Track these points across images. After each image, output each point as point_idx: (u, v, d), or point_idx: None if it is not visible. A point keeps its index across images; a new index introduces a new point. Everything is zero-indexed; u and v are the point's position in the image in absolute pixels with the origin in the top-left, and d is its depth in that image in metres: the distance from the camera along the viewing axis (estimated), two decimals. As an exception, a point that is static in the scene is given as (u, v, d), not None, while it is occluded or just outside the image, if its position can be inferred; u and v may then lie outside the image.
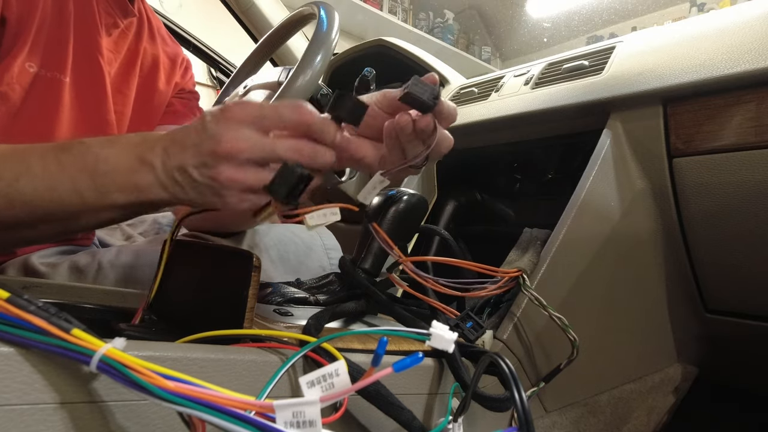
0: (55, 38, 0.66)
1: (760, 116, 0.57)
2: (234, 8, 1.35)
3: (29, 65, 0.63)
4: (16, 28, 0.62)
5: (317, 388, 0.23)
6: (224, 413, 0.21)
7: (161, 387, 0.21)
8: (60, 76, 0.67)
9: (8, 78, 0.62)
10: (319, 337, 0.35)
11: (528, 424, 0.30)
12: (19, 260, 0.70)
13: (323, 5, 0.75)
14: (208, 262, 0.42)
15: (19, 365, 0.23)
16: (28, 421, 0.23)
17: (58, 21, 0.66)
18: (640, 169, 0.67)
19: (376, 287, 0.51)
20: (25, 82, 0.64)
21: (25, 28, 0.62)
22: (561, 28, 3.17)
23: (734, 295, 0.67)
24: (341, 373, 0.24)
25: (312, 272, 0.76)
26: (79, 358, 0.22)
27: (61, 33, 0.67)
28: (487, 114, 0.85)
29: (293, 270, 0.75)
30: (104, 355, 0.22)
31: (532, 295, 0.52)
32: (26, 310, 0.22)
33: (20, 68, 0.63)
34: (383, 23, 2.97)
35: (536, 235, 0.62)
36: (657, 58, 0.66)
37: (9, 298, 0.22)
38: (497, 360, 0.35)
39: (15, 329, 0.22)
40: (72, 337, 0.22)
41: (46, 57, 0.65)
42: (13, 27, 0.61)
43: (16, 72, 0.62)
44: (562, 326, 0.51)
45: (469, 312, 0.51)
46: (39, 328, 0.22)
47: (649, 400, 0.72)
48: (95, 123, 0.73)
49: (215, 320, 0.35)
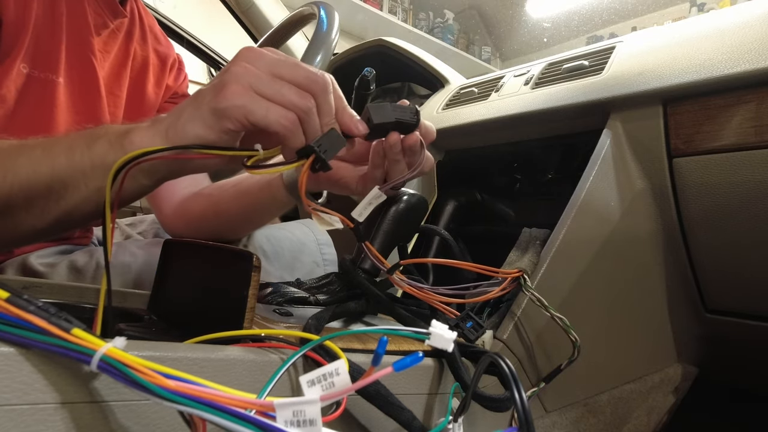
0: (47, 39, 0.66)
1: (760, 116, 0.57)
2: (234, 8, 1.35)
3: (23, 66, 0.63)
4: (13, 30, 0.61)
5: (317, 387, 0.23)
6: (225, 412, 0.21)
7: (162, 386, 0.21)
8: (53, 77, 0.67)
9: (7, 81, 0.62)
10: (319, 336, 0.35)
11: (528, 424, 0.30)
12: (17, 260, 0.70)
13: (323, 5, 0.75)
14: (208, 262, 0.42)
15: (19, 365, 0.23)
16: (29, 421, 0.23)
17: (50, 21, 0.66)
18: (640, 169, 0.67)
19: (376, 287, 0.51)
20: (18, 83, 0.63)
21: (22, 30, 0.62)
22: (561, 28, 3.17)
23: (734, 295, 0.67)
24: (341, 372, 0.24)
25: (306, 267, 0.77)
26: (79, 358, 0.22)
27: (54, 33, 0.66)
28: (487, 114, 0.85)
29: (287, 265, 0.76)
30: (105, 355, 0.22)
31: (533, 295, 0.52)
32: (26, 310, 0.22)
33: (16, 70, 0.62)
34: (383, 23, 2.97)
35: (536, 235, 0.62)
36: (657, 58, 0.66)
37: (9, 298, 0.22)
38: (497, 360, 0.35)
39: (15, 329, 0.22)
40: (72, 336, 0.22)
41: (38, 58, 0.65)
42: (10, 28, 0.61)
43: (13, 74, 0.62)
44: (563, 327, 0.51)
45: (469, 312, 0.51)
46: (39, 327, 0.22)
47: (649, 400, 0.72)
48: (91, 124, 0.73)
49: (215, 320, 0.35)
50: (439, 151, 0.97)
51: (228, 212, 0.72)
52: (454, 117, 0.92)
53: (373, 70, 0.80)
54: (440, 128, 0.93)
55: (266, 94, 0.40)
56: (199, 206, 0.74)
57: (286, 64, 0.42)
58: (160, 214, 0.80)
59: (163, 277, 0.47)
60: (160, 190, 0.77)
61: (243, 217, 0.71)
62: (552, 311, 0.51)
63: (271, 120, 0.40)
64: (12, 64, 0.62)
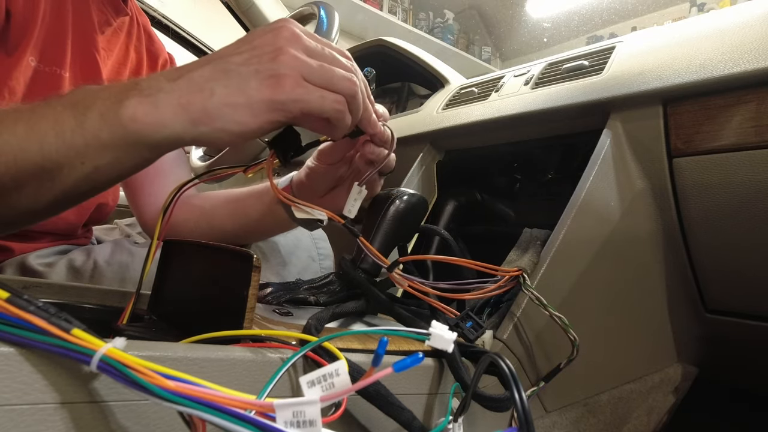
0: (54, 33, 0.66)
1: (760, 116, 0.57)
2: (234, 8, 1.35)
3: (31, 59, 0.63)
4: (22, 23, 0.62)
5: (317, 387, 0.23)
6: (224, 413, 0.21)
7: (162, 387, 0.21)
8: (60, 71, 0.67)
9: (16, 73, 0.62)
10: (319, 336, 0.35)
11: (528, 424, 0.30)
12: (16, 260, 0.70)
13: (323, 5, 0.75)
14: (207, 261, 0.42)
15: (19, 365, 0.23)
16: (29, 421, 0.23)
17: (57, 15, 0.66)
18: (640, 169, 0.67)
19: (376, 287, 0.51)
20: (27, 75, 0.64)
21: (30, 23, 0.63)
22: (561, 28, 3.17)
23: (735, 295, 0.67)
24: (341, 373, 0.24)
25: (301, 262, 0.77)
26: (79, 358, 0.22)
27: (60, 28, 0.67)
28: (487, 114, 0.85)
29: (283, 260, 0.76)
30: (104, 355, 0.22)
31: (532, 294, 0.52)
32: (26, 310, 0.22)
33: (25, 62, 0.63)
34: (383, 23, 2.97)
35: (536, 235, 0.62)
36: (657, 58, 0.66)
37: (9, 298, 0.22)
38: (497, 360, 0.35)
39: (15, 329, 0.22)
40: (72, 336, 0.22)
41: (46, 51, 0.65)
42: (19, 21, 0.61)
43: (22, 66, 0.62)
44: (562, 326, 0.51)
45: (469, 312, 0.51)
46: (39, 328, 0.22)
47: (649, 400, 0.72)
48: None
49: (215, 320, 0.35)
50: (439, 151, 0.97)
51: (223, 227, 0.71)
52: (454, 117, 0.92)
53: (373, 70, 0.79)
54: (440, 128, 0.93)
55: (319, 83, 0.40)
56: (192, 216, 0.72)
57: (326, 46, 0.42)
58: (142, 218, 0.79)
59: (163, 277, 0.47)
60: (143, 196, 0.78)
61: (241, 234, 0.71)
62: (551, 310, 0.51)
63: (326, 108, 0.41)
64: (21, 57, 0.62)
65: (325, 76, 0.40)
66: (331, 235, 0.87)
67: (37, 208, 0.41)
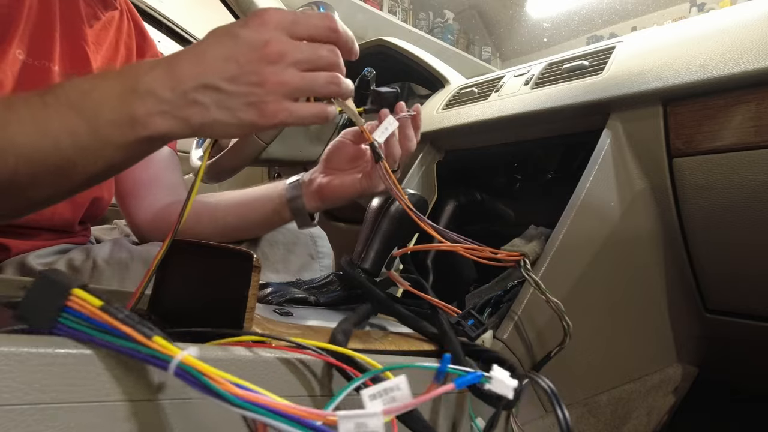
0: (41, 26, 0.66)
1: (760, 116, 0.57)
2: (234, 8, 1.35)
3: (18, 52, 0.63)
4: (7, 16, 0.62)
5: (378, 401, 0.25)
6: (292, 421, 0.23)
7: (233, 393, 0.23)
8: (49, 64, 0.67)
9: (3, 66, 0.62)
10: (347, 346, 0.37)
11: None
12: (15, 260, 0.70)
13: (323, 5, 0.75)
14: (208, 261, 0.42)
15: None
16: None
17: (44, 8, 0.66)
18: (640, 169, 0.67)
19: (376, 287, 0.51)
20: (15, 69, 0.63)
21: (16, 16, 0.62)
22: (561, 28, 3.17)
23: (734, 295, 0.67)
24: (403, 388, 0.25)
25: (300, 260, 0.77)
26: (158, 364, 0.24)
27: (48, 21, 0.66)
28: (487, 114, 0.85)
29: (282, 258, 0.76)
30: (181, 362, 0.23)
31: (532, 278, 0.52)
32: (116, 318, 0.24)
33: (12, 55, 0.63)
34: (383, 23, 2.96)
35: (542, 231, 0.62)
36: (657, 58, 0.66)
37: (102, 307, 0.25)
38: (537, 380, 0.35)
39: (103, 335, 0.25)
40: (153, 343, 0.24)
41: (33, 45, 0.65)
42: (2, 14, 0.61)
43: (9, 59, 0.62)
44: (558, 312, 0.51)
45: (470, 310, 0.51)
46: (125, 334, 0.24)
47: (649, 400, 0.72)
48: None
49: (215, 320, 0.35)
50: (439, 151, 0.97)
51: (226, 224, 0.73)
52: (454, 117, 0.92)
53: (373, 70, 0.79)
54: (440, 128, 0.93)
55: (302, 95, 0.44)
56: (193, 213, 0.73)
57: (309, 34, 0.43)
58: (133, 221, 0.80)
59: (163, 276, 0.47)
60: (136, 199, 0.79)
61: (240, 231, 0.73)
62: (548, 295, 0.51)
63: (307, 121, 0.44)
64: (7, 50, 0.62)
65: (307, 88, 0.43)
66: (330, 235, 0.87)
67: (54, 199, 0.45)
